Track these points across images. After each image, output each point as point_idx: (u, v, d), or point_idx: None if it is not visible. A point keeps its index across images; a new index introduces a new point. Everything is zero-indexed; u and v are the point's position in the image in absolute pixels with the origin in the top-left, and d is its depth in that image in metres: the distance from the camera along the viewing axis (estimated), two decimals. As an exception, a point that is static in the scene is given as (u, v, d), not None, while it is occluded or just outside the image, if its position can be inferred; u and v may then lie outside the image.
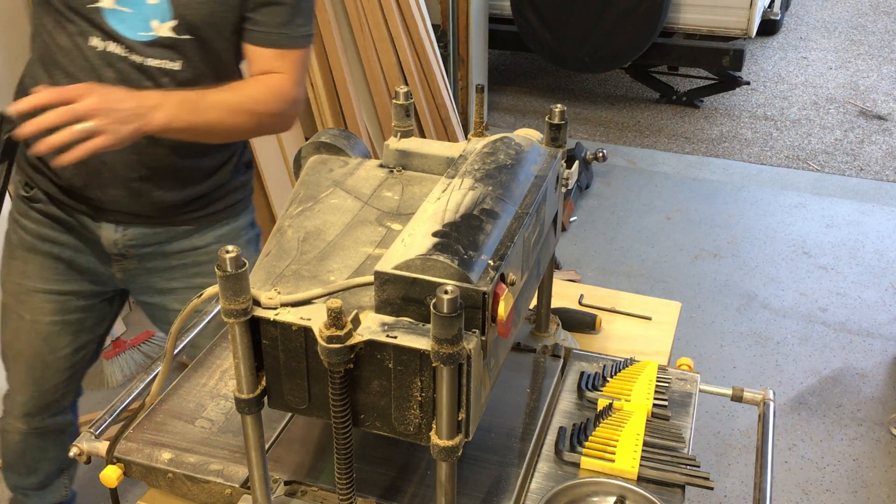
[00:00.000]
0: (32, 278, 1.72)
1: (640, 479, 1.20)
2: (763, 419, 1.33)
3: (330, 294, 1.02)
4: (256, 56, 1.56)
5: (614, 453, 1.22)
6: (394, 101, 1.30)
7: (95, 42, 1.48)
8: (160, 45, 1.48)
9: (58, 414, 1.90)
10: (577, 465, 1.22)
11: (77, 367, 1.85)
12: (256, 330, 1.00)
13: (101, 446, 1.24)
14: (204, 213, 1.70)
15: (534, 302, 1.45)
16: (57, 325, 1.76)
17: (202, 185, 1.66)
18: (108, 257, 1.71)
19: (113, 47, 1.48)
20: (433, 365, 0.91)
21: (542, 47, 4.87)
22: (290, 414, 1.31)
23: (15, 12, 2.80)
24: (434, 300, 0.87)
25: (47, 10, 1.50)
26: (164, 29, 1.47)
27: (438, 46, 3.87)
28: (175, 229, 1.68)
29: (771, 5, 5.80)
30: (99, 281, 1.76)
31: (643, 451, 1.22)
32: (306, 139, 1.43)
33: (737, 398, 1.39)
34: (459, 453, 0.97)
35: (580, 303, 1.71)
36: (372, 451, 1.24)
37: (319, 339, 0.93)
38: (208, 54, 1.53)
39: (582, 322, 1.61)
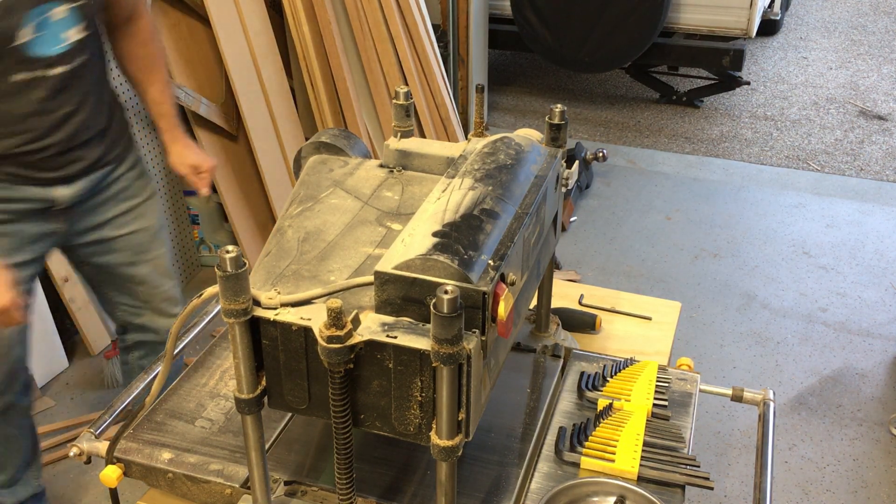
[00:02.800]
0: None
1: (640, 479, 1.20)
2: (763, 419, 1.33)
3: (330, 294, 1.02)
4: (120, 6, 1.90)
5: (614, 453, 1.22)
6: (394, 101, 1.30)
7: (21, 76, 1.66)
8: (71, 51, 1.73)
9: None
10: (577, 465, 1.22)
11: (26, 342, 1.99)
12: (256, 330, 1.00)
13: (101, 446, 1.24)
14: (117, 151, 1.95)
15: (534, 302, 1.45)
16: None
17: (111, 128, 1.93)
18: (52, 215, 1.88)
19: (37, 72, 1.68)
20: (433, 365, 0.91)
21: (542, 47, 4.87)
22: (290, 414, 1.31)
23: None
24: (434, 300, 0.87)
25: None
26: (74, 33, 1.72)
27: (438, 46, 3.87)
28: (104, 170, 1.92)
29: (771, 5, 5.79)
30: (43, 243, 1.91)
31: (643, 451, 1.22)
32: (306, 139, 1.42)
33: (737, 398, 1.39)
34: (459, 453, 0.97)
35: (580, 303, 1.71)
36: (372, 451, 1.24)
37: (319, 339, 0.93)
38: (95, 35, 1.85)
39: (582, 322, 1.61)
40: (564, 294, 1.72)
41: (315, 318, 0.97)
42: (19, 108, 1.69)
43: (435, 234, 1.01)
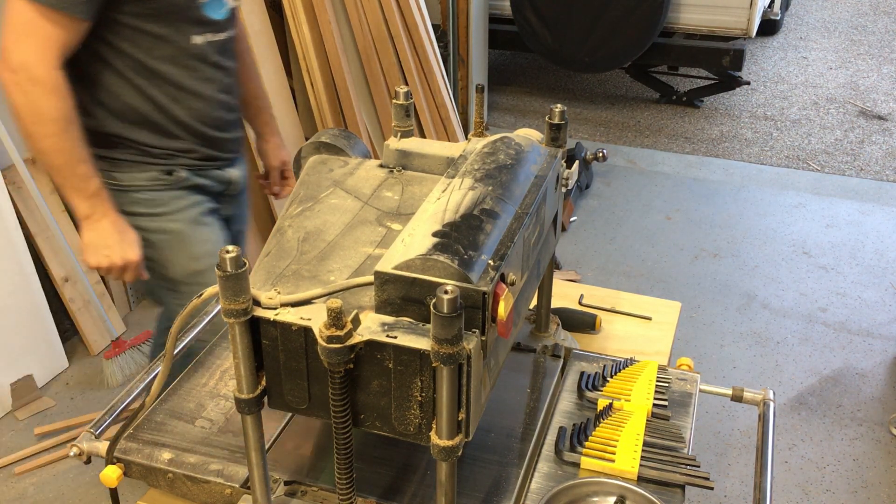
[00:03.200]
0: (216, 245, 1.92)
1: (640, 479, 1.20)
2: (763, 419, 1.33)
3: (330, 294, 1.02)
4: None
5: (614, 453, 1.22)
6: (394, 101, 1.30)
7: (197, 40, 1.72)
8: (230, 17, 1.79)
9: None
10: (577, 465, 1.22)
11: None
12: (256, 330, 1.00)
13: (101, 446, 1.24)
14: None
15: (534, 302, 1.45)
16: None
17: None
18: (226, 199, 2.00)
19: (210, 36, 1.74)
20: (433, 365, 0.91)
21: (542, 47, 4.87)
22: (290, 414, 1.31)
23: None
24: (434, 300, 0.87)
25: (133, 38, 1.67)
26: (231, 1, 1.78)
27: (438, 46, 3.87)
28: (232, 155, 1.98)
29: (771, 5, 5.80)
30: (228, 224, 2.03)
31: (643, 451, 1.22)
32: (306, 139, 1.43)
33: (737, 398, 1.39)
34: (459, 453, 0.97)
35: (580, 303, 1.71)
36: (372, 451, 1.24)
37: (319, 339, 0.93)
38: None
39: (582, 322, 1.61)
40: (564, 294, 1.72)
41: (315, 318, 0.97)
42: (199, 71, 1.75)
43: (435, 234, 1.01)
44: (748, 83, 5.10)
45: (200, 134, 1.82)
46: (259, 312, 0.98)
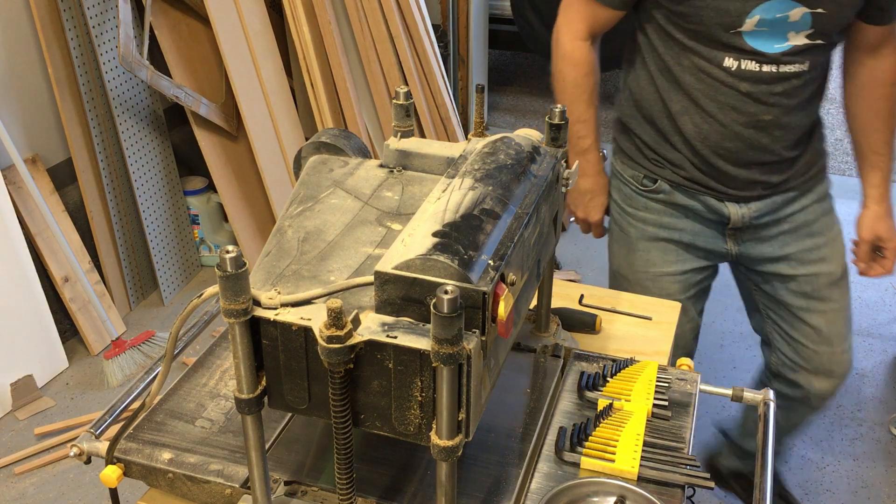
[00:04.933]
0: (657, 264, 1.92)
1: (640, 479, 1.19)
2: (763, 419, 1.33)
3: (330, 294, 1.02)
4: (869, 32, 1.73)
5: (614, 453, 1.22)
6: (394, 101, 1.30)
7: (729, 63, 1.65)
8: (793, 53, 1.64)
9: None
10: (577, 465, 1.22)
11: (699, 327, 2.11)
12: (256, 330, 1.00)
13: (101, 446, 1.24)
14: (804, 179, 1.84)
15: (534, 302, 1.45)
16: (683, 303, 1.86)
17: (806, 153, 1.82)
18: (725, 233, 1.89)
19: (747, 64, 1.65)
20: (433, 365, 0.91)
21: (542, 47, 4.85)
22: (290, 414, 1.31)
23: (15, 13, 2.80)
24: (434, 300, 0.87)
25: (664, 38, 1.71)
26: (798, 38, 1.62)
27: (438, 46, 3.87)
28: (787, 195, 1.83)
29: (771, 5, 5.79)
30: (713, 256, 1.94)
31: (643, 451, 1.22)
32: (306, 139, 1.43)
33: (737, 398, 1.39)
34: (459, 453, 0.97)
35: (580, 303, 1.71)
36: (372, 451, 1.24)
37: (319, 339, 0.93)
38: (829, 49, 1.71)
39: (582, 322, 1.61)
40: (564, 294, 1.72)
41: (315, 318, 0.97)
42: (721, 95, 1.68)
43: (435, 234, 1.01)
44: (748, 83, 5.10)
45: (701, 156, 1.75)
46: (259, 312, 0.98)
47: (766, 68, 1.64)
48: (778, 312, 1.97)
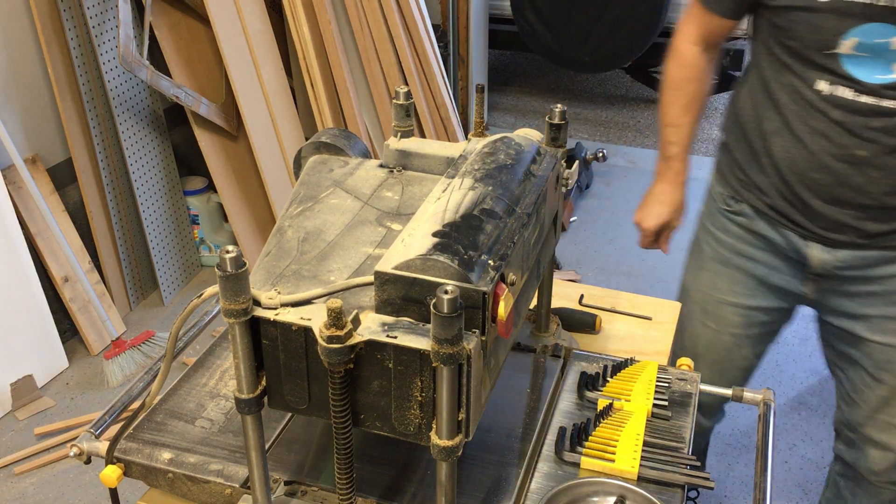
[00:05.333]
0: (722, 291, 1.81)
1: (640, 479, 1.19)
2: (763, 419, 1.33)
3: (330, 294, 1.02)
4: None
5: (614, 453, 1.22)
6: (394, 101, 1.30)
7: (822, 86, 1.52)
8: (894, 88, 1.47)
9: None
10: (577, 465, 1.22)
11: (753, 369, 1.95)
12: (256, 330, 1.00)
13: (101, 446, 1.24)
14: None
15: (534, 302, 1.45)
16: (740, 338, 1.82)
17: None
18: (805, 276, 1.72)
19: (842, 91, 1.50)
20: (433, 365, 0.91)
21: (542, 47, 4.87)
22: (290, 414, 1.31)
23: (15, 13, 2.80)
24: (434, 300, 0.87)
25: (766, 52, 1.61)
26: None
27: (438, 46, 3.87)
28: (884, 254, 1.63)
29: (771, 5, 5.79)
30: (787, 297, 1.79)
31: (643, 451, 1.22)
32: (306, 139, 1.43)
33: (737, 398, 1.39)
34: (459, 453, 0.97)
35: (580, 303, 1.71)
36: (372, 451, 1.24)
37: (319, 339, 0.93)
38: None
39: (582, 322, 1.61)
40: (564, 294, 1.72)
41: (315, 318, 0.97)
42: (812, 119, 1.54)
43: (435, 234, 1.01)
44: (748, 83, 5.10)
45: (787, 184, 1.62)
46: (259, 312, 0.98)
47: (863, 99, 1.49)
48: (844, 370, 1.82)
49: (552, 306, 1.52)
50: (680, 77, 1.75)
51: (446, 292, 0.86)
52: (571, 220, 3.97)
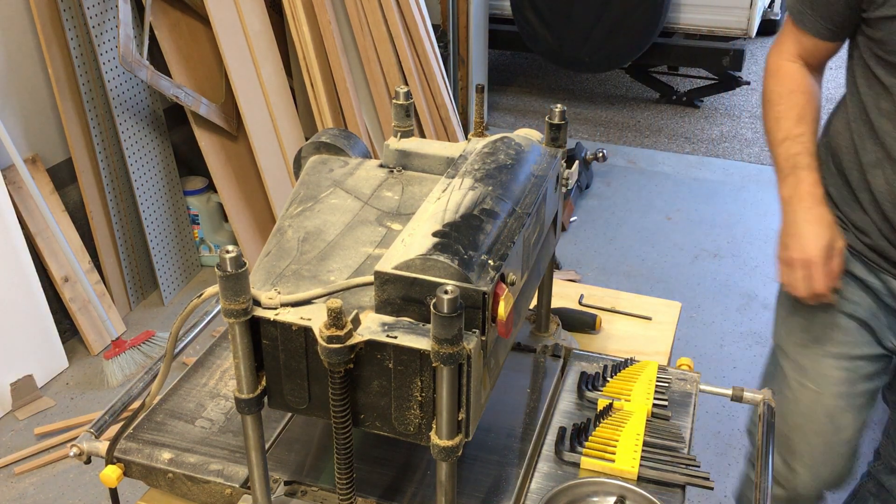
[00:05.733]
0: (819, 340, 1.59)
1: (640, 479, 1.19)
2: (763, 419, 1.33)
3: (330, 294, 1.02)
4: None
5: (614, 453, 1.22)
6: (394, 101, 1.30)
7: None
8: None
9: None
10: (577, 465, 1.22)
11: (857, 451, 1.69)
12: (256, 330, 1.00)
13: (101, 446, 1.24)
14: None
15: (534, 302, 1.45)
16: (843, 399, 1.61)
17: None
18: None
19: None
20: (433, 365, 0.91)
21: (542, 47, 4.87)
22: (290, 414, 1.31)
23: (15, 13, 2.80)
24: (434, 300, 0.87)
25: (865, 75, 1.46)
26: None
27: (438, 46, 3.87)
28: None
29: (771, 5, 5.79)
30: (885, 347, 1.60)
31: (643, 451, 1.22)
32: (306, 139, 1.43)
33: (737, 398, 1.39)
34: (459, 453, 0.97)
35: (580, 303, 1.71)
36: (372, 451, 1.24)
37: (319, 339, 0.93)
38: None
39: (582, 322, 1.61)
40: (564, 294, 1.72)
41: (315, 318, 0.97)
42: None
43: (435, 234, 1.01)
44: (748, 83, 5.10)
45: (890, 223, 1.45)
46: (259, 312, 0.98)
47: None
48: None
49: (552, 306, 1.52)
50: (783, 90, 1.54)
51: (446, 292, 0.87)
52: (571, 220, 3.97)
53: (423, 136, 3.71)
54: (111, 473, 1.22)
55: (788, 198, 1.48)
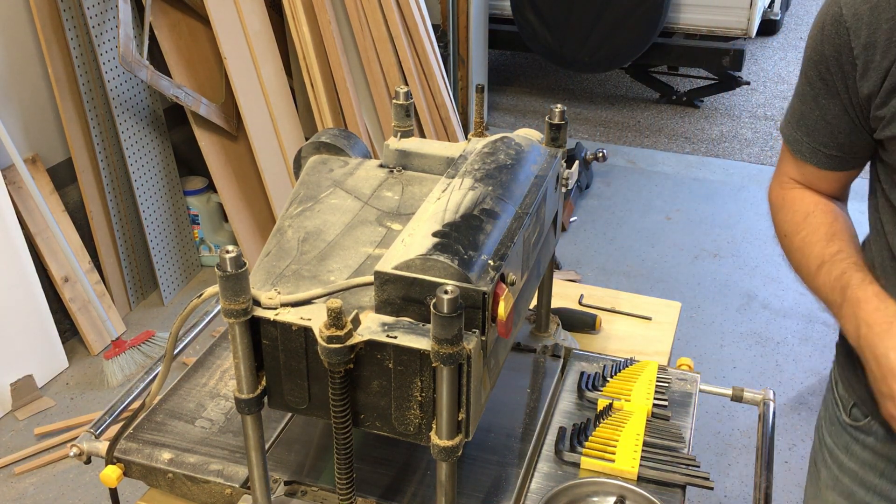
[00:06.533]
0: None
1: (640, 479, 1.20)
2: (763, 419, 1.33)
3: (330, 294, 1.02)
4: None
5: (614, 453, 1.22)
6: (394, 101, 1.30)
7: None
8: None
9: None
10: (577, 465, 1.22)
11: None
12: (256, 330, 1.00)
13: (101, 446, 1.24)
14: None
15: (534, 302, 1.45)
16: None
17: None
18: None
19: None
20: (433, 365, 0.91)
21: (542, 47, 4.87)
22: (290, 414, 1.31)
23: (15, 13, 2.80)
24: (434, 300, 0.87)
25: (891, 211, 1.17)
26: None
27: (438, 46, 3.87)
28: None
29: (771, 5, 5.79)
30: None
31: (643, 451, 1.22)
32: (306, 139, 1.43)
33: (737, 398, 1.39)
34: (459, 453, 0.97)
35: (580, 303, 1.71)
36: (372, 451, 1.24)
37: (319, 339, 0.93)
38: None
39: (582, 322, 1.61)
40: (564, 294, 1.72)
41: (315, 318, 0.97)
42: None
43: (435, 234, 1.01)
44: (748, 83, 5.10)
45: None
46: (259, 312, 0.98)
47: None
48: None
49: (552, 306, 1.52)
50: (797, 217, 1.26)
51: (446, 292, 0.86)
52: (571, 220, 3.97)
53: (423, 136, 3.71)
54: (111, 473, 1.22)
55: (855, 335, 1.14)
